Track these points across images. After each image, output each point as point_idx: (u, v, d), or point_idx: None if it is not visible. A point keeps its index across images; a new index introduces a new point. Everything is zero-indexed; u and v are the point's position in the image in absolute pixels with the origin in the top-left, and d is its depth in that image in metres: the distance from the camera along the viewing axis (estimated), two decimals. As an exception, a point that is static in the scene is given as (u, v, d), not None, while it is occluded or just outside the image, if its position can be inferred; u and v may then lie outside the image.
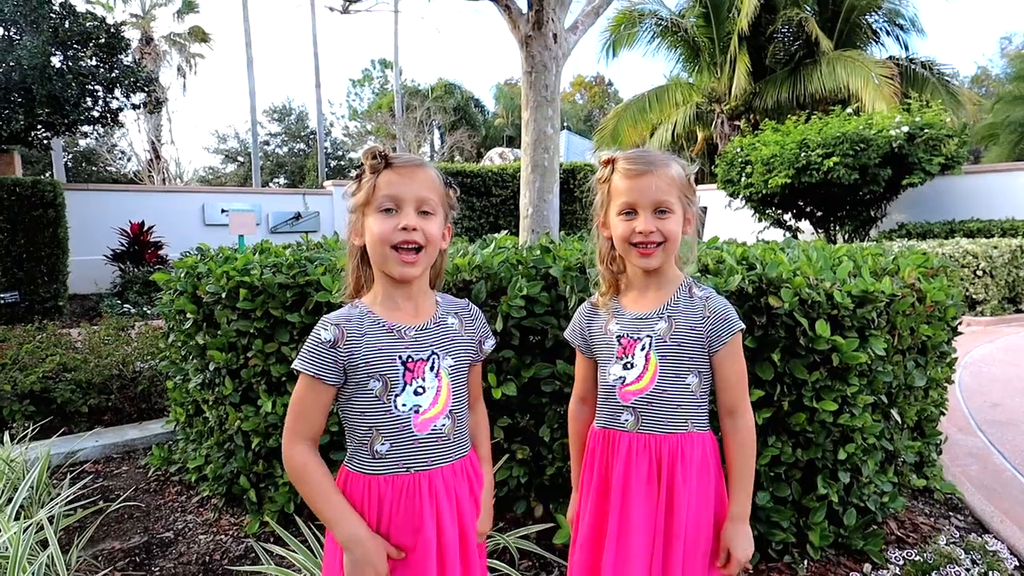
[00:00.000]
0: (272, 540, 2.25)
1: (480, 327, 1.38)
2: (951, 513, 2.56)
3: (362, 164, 1.24)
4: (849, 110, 10.66)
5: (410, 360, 1.23)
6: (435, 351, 1.26)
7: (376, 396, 1.22)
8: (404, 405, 1.22)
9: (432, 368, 1.25)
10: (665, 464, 1.36)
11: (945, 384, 2.70)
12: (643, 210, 1.34)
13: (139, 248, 9.69)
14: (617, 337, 1.41)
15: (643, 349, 1.37)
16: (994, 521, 2.45)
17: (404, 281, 1.25)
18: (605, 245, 1.46)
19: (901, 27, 14.96)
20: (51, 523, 2.20)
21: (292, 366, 1.22)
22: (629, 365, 1.39)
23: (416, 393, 1.23)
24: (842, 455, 2.08)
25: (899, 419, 2.33)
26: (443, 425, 1.26)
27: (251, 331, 2.33)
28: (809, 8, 14.66)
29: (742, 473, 1.37)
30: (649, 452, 1.37)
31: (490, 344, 1.39)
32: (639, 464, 1.37)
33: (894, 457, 2.41)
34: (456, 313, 1.34)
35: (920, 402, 2.51)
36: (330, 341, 1.20)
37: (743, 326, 1.38)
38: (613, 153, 1.42)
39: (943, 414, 2.74)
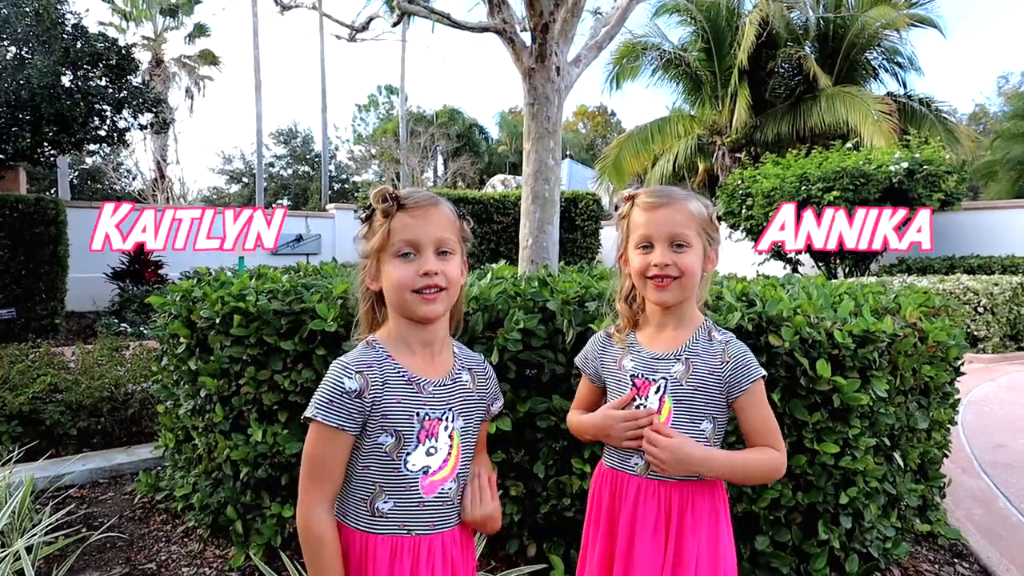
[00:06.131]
0: (256, 575, 2.19)
1: (492, 387, 1.31)
2: (956, 560, 2.49)
3: (371, 206, 1.17)
4: (849, 145, 10.73)
5: (427, 418, 1.16)
6: (450, 410, 1.19)
7: (386, 451, 1.14)
8: (414, 465, 1.15)
9: (445, 429, 1.18)
10: (674, 513, 1.31)
11: (948, 425, 2.66)
12: (659, 243, 1.32)
13: (139, 266, 9.68)
14: (631, 376, 1.37)
15: (658, 392, 1.34)
16: (1000, 569, 2.38)
17: (426, 321, 1.17)
18: (626, 283, 1.43)
19: (899, 64, 15.17)
20: (30, 552, 2.14)
21: (306, 415, 1.12)
22: (643, 408, 1.35)
23: (428, 453, 1.16)
24: (844, 499, 2.02)
25: (902, 462, 2.28)
26: (449, 488, 1.19)
27: (244, 358, 2.29)
28: (809, 45, 14.88)
29: (746, 465, 1.31)
30: (657, 499, 1.32)
31: (498, 406, 1.33)
32: (646, 511, 1.32)
33: (897, 501, 2.35)
34: (470, 369, 1.27)
35: (923, 444, 2.47)
36: (355, 391, 1.11)
37: (764, 373, 1.33)
38: (635, 190, 1.40)
39: (946, 456, 2.69)
